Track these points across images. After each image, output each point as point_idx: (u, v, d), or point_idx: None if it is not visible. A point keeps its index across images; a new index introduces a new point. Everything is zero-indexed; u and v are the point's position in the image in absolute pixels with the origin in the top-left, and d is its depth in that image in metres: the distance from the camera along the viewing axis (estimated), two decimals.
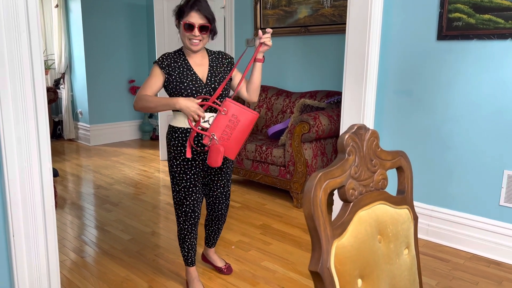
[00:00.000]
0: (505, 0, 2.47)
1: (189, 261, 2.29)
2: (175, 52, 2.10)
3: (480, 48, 2.61)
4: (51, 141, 6.11)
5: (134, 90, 6.08)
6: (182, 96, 2.01)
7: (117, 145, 5.95)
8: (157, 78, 2.04)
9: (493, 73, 2.59)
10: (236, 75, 2.19)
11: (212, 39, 2.10)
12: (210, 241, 2.47)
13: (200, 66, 2.08)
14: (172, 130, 2.10)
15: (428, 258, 2.70)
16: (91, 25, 5.63)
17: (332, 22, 4.09)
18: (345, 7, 3.86)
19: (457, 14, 2.64)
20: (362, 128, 0.99)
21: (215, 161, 1.90)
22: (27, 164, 1.59)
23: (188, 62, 2.06)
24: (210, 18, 2.01)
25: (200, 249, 2.76)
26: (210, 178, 2.23)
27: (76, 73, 5.89)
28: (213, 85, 2.05)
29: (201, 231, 2.91)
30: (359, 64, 2.95)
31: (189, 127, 2.04)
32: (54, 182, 1.91)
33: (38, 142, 1.61)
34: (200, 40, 2.01)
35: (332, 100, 3.86)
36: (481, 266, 2.61)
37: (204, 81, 2.05)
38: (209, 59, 2.12)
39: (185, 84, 2.01)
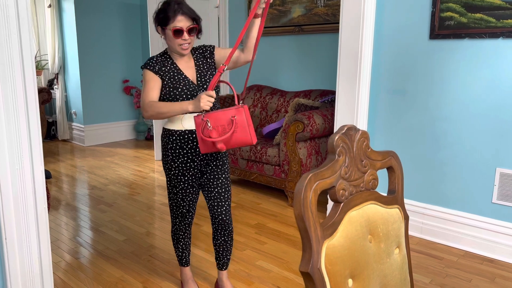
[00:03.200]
0: None
1: (183, 261, 2.29)
2: (161, 55, 2.04)
3: (472, 47, 2.63)
4: (45, 142, 6.09)
5: (128, 90, 6.06)
6: (178, 101, 1.97)
7: (111, 145, 5.93)
8: (155, 81, 1.97)
9: (485, 71, 2.60)
10: (221, 51, 2.10)
11: (198, 37, 2.06)
12: (220, 260, 2.26)
13: (188, 68, 2.03)
14: (168, 133, 2.05)
15: (422, 256, 2.72)
16: (84, 25, 5.61)
17: (326, 21, 4.10)
18: (338, 6, 3.87)
19: (449, 13, 2.66)
20: (352, 129, 1.00)
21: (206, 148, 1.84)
22: (19, 166, 1.58)
23: (177, 66, 2.01)
24: (196, 18, 1.97)
25: (196, 250, 2.75)
26: (206, 177, 2.14)
27: (70, 73, 5.87)
28: (205, 86, 2.02)
29: (198, 234, 2.91)
30: (353, 63, 2.96)
31: (186, 128, 2.01)
32: (47, 184, 1.90)
33: (29, 144, 1.61)
34: (189, 43, 1.98)
35: (326, 99, 3.87)
36: (475, 263, 2.63)
37: (196, 83, 2.01)
38: (193, 58, 2.07)
39: (179, 89, 1.96)
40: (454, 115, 2.75)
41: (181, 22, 1.92)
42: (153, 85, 1.97)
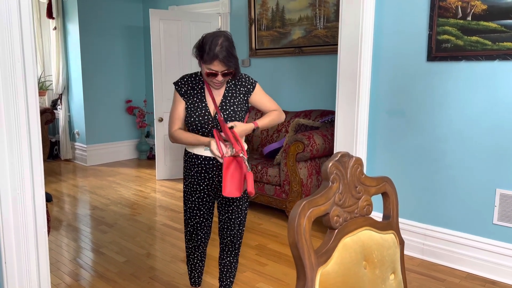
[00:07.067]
0: (491, 23, 2.53)
1: (191, 281, 2.33)
2: (195, 75, 2.06)
3: (469, 68, 2.66)
4: (48, 161, 6.12)
5: (131, 110, 6.12)
6: (191, 126, 2.02)
7: (113, 165, 5.95)
8: (181, 103, 2.04)
9: (482, 93, 2.63)
10: (258, 100, 2.11)
11: (234, 76, 2.04)
12: (223, 282, 2.27)
13: (215, 95, 2.02)
14: (186, 152, 2.12)
15: (423, 278, 2.70)
16: (88, 47, 5.70)
17: (325, 43, 4.16)
18: (337, 28, 3.93)
19: (446, 36, 2.70)
20: (345, 156, 1.02)
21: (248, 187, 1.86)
22: (20, 190, 1.60)
23: (204, 92, 2.02)
24: (233, 63, 1.92)
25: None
26: (219, 201, 2.15)
27: (74, 94, 5.94)
28: (222, 117, 1.98)
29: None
30: (351, 84, 2.99)
31: (194, 152, 2.05)
32: (47, 207, 1.92)
33: (31, 168, 1.63)
34: (221, 83, 1.96)
35: (326, 120, 3.89)
36: (477, 285, 2.61)
37: (213, 115, 1.99)
38: (226, 87, 2.04)
39: (193, 118, 1.99)
40: (453, 136, 2.77)
41: (217, 67, 1.89)
42: (180, 108, 2.05)
